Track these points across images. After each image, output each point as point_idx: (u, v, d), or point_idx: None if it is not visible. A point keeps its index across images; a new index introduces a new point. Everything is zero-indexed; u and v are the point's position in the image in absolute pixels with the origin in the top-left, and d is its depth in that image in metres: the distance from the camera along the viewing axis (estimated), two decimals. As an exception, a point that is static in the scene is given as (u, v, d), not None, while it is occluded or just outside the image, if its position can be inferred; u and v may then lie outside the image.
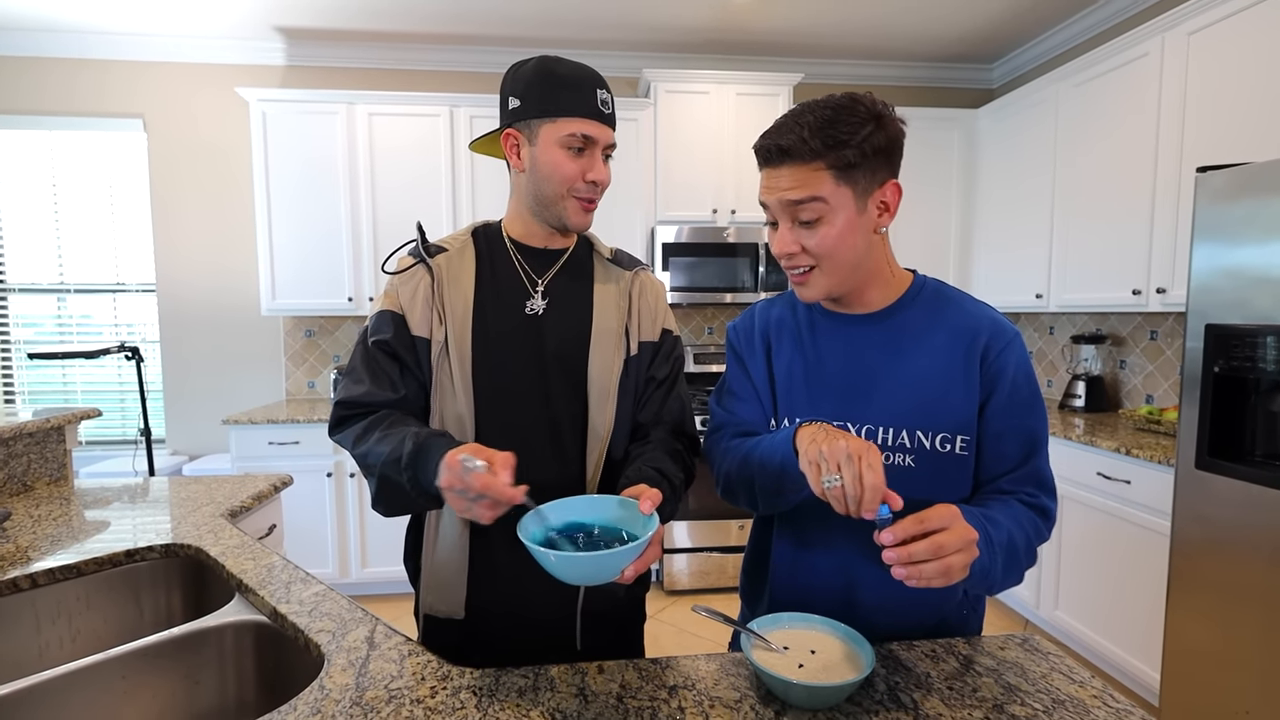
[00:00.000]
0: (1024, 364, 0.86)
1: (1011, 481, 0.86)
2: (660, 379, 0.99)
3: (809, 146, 0.80)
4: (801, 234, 0.83)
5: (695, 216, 3.18)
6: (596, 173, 0.91)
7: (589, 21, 3.02)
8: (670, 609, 2.87)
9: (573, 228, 0.95)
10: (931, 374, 0.86)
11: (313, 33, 3.14)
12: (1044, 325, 3.34)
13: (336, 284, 3.06)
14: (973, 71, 3.65)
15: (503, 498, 0.70)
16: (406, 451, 0.77)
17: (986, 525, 0.77)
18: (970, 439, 0.85)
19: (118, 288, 3.32)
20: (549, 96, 0.88)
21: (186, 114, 3.24)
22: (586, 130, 0.89)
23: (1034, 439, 0.86)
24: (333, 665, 0.79)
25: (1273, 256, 1.56)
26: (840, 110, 0.80)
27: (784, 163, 0.81)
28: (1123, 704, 0.74)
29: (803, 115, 0.81)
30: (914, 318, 0.89)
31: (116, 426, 3.39)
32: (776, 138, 0.82)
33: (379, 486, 0.83)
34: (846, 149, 0.79)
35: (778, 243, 0.86)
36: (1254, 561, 1.60)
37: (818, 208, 0.81)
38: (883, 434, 0.86)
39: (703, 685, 0.76)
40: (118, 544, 1.21)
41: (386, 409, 0.89)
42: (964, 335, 0.86)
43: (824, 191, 0.81)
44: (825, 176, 0.80)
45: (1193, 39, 2.15)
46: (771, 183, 0.84)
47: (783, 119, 0.83)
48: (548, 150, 0.90)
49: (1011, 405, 0.85)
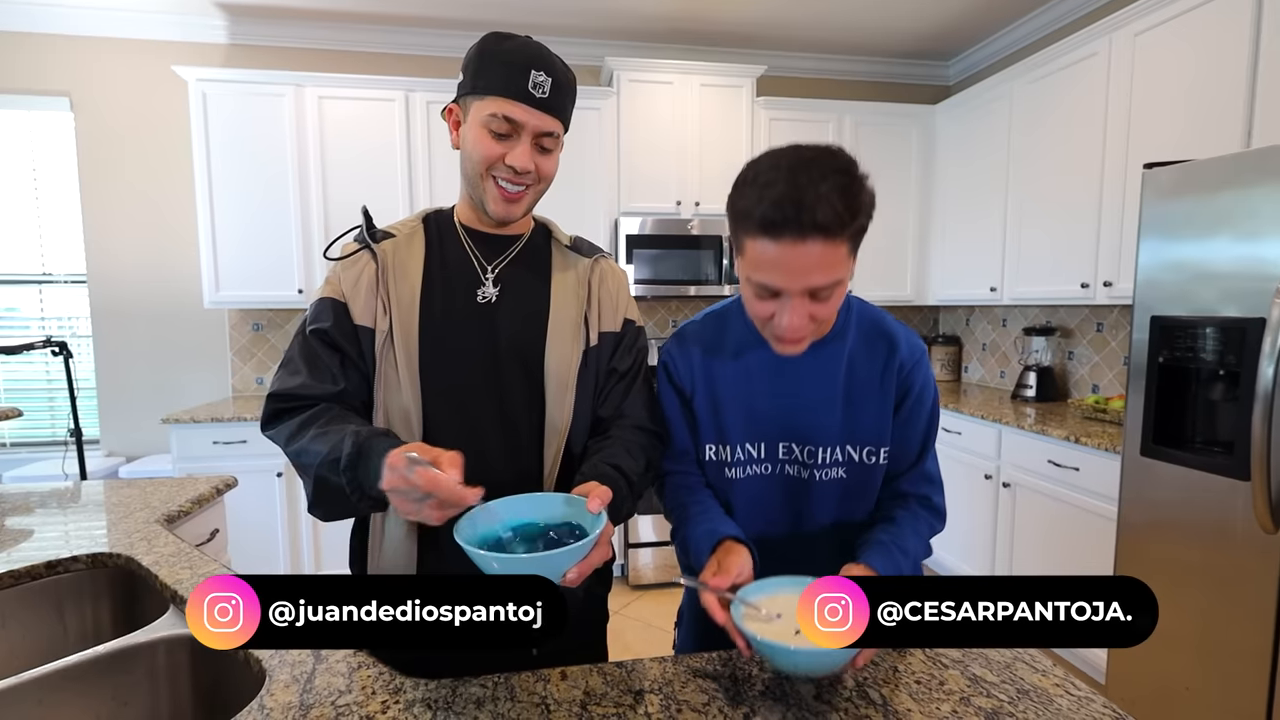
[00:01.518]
0: (930, 380, 0.94)
1: (908, 481, 0.94)
2: (622, 371, 0.96)
3: (841, 219, 0.71)
4: (813, 307, 0.77)
5: (659, 208, 3.15)
6: (516, 158, 0.83)
7: (549, 6, 2.95)
8: (636, 604, 2.85)
9: (493, 215, 0.88)
10: (861, 394, 0.91)
11: (257, 9, 2.98)
12: (997, 318, 3.44)
13: (285, 275, 2.93)
14: (930, 68, 3.71)
15: (452, 497, 0.65)
16: (346, 452, 0.71)
17: (900, 559, 0.84)
18: (887, 449, 0.92)
19: (44, 278, 3.11)
20: (481, 72, 0.83)
21: (118, 93, 3.04)
22: (509, 112, 0.82)
23: (926, 443, 0.95)
24: (274, 681, 0.74)
25: (1214, 251, 1.62)
26: (845, 171, 0.72)
27: (811, 238, 0.70)
28: (1084, 691, 0.74)
29: (816, 179, 0.70)
30: (845, 347, 0.92)
31: (45, 427, 3.18)
32: (806, 208, 0.69)
33: (316, 489, 0.77)
34: (862, 216, 0.73)
35: (790, 319, 0.76)
36: (1194, 544, 1.67)
37: (836, 286, 0.76)
38: (821, 453, 0.91)
39: (669, 689, 0.74)
40: (40, 554, 1.12)
41: (325, 403, 0.83)
42: (885, 356, 0.91)
43: (843, 271, 0.75)
44: (844, 252, 0.74)
45: (1139, 39, 2.22)
46: (790, 263, 0.72)
47: (786, 180, 0.71)
48: (472, 128, 0.84)
49: (913, 416, 0.92)
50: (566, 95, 0.88)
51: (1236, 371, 1.57)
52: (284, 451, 0.81)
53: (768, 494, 0.94)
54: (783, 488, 0.94)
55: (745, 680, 0.76)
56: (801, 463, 0.92)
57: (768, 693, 0.74)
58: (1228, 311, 1.58)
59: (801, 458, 0.91)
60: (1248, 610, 1.55)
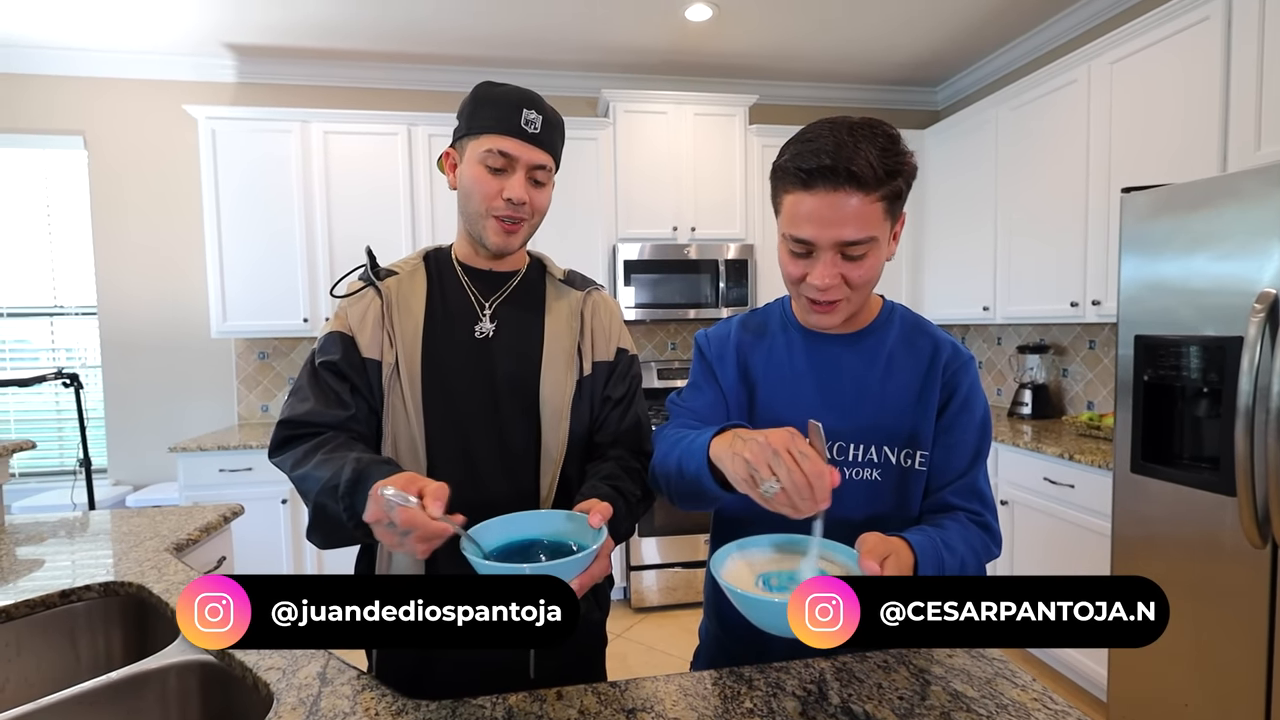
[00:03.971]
0: (976, 385, 0.90)
1: (955, 493, 0.88)
2: (617, 398, 1.00)
3: (876, 174, 0.73)
4: (845, 266, 0.79)
5: (656, 234, 3.22)
6: (512, 190, 0.88)
7: (547, 42, 3.05)
8: (638, 627, 2.85)
9: (492, 248, 0.93)
10: (899, 392, 0.89)
11: (265, 50, 3.09)
12: (992, 336, 3.48)
13: (291, 305, 2.99)
14: (919, 94, 3.81)
15: (429, 532, 0.66)
16: (345, 478, 0.73)
17: (943, 553, 0.78)
18: (928, 454, 0.88)
19: (56, 311, 3.18)
20: (476, 114, 0.90)
21: (130, 131, 3.14)
22: (504, 147, 0.88)
23: (977, 454, 0.90)
24: (282, 704, 0.77)
25: (1192, 271, 1.66)
26: (888, 135, 0.75)
27: (845, 188, 0.74)
28: (1061, 705, 0.77)
29: (857, 137, 0.74)
30: (886, 339, 0.92)
31: (54, 457, 3.22)
32: (843, 160, 0.73)
33: (314, 515, 0.79)
34: (899, 179, 0.76)
35: (820, 275, 0.78)
36: (1186, 559, 1.69)
37: (868, 245, 0.78)
38: (854, 450, 0.88)
39: (661, 707, 0.77)
40: (53, 584, 1.16)
41: (333, 430, 0.86)
42: (928, 355, 0.90)
43: (877, 230, 0.77)
44: (879, 210, 0.76)
45: (1115, 68, 2.29)
46: (824, 213, 0.75)
47: (828, 137, 0.75)
48: (469, 167, 0.90)
49: (959, 421, 0.89)
50: (556, 133, 0.94)
51: (1219, 388, 1.60)
52: (289, 477, 0.84)
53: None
54: None
55: (733, 698, 0.79)
56: (833, 459, 0.88)
57: (755, 710, 0.77)
58: (1207, 330, 1.62)
59: (833, 454, 0.88)
60: (1241, 625, 1.56)
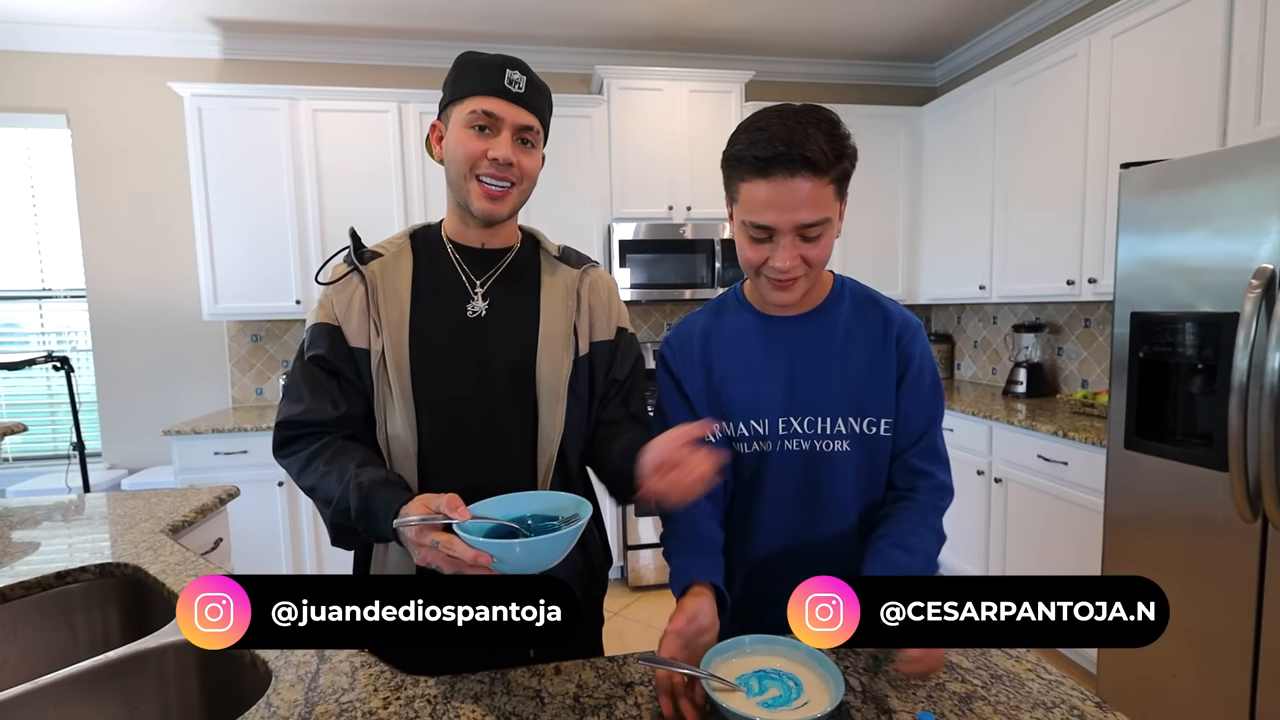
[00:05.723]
0: (927, 352, 0.95)
1: (917, 455, 0.93)
2: (621, 379, 0.98)
3: (827, 158, 0.77)
4: (803, 248, 0.83)
5: (651, 213, 3.19)
6: (498, 149, 0.86)
7: (539, 16, 2.98)
8: (635, 605, 2.88)
9: (478, 214, 0.89)
10: (860, 365, 0.92)
11: (250, 24, 3.02)
12: (988, 315, 3.48)
13: (283, 286, 2.96)
14: (916, 70, 3.76)
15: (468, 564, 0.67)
16: (354, 505, 0.76)
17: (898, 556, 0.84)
18: (891, 420, 0.92)
19: (44, 294, 3.14)
20: (459, 80, 0.88)
21: (114, 110, 3.07)
22: (488, 107, 0.86)
23: (932, 417, 0.95)
24: (280, 681, 0.77)
25: (1189, 247, 1.66)
26: (830, 120, 0.80)
27: (800, 174, 0.77)
28: (1054, 675, 0.78)
29: (805, 123, 0.78)
30: (840, 315, 0.94)
31: (47, 441, 3.20)
32: (797, 147, 0.76)
33: (335, 532, 0.83)
34: (845, 161, 0.81)
35: (781, 258, 0.82)
36: (1178, 534, 1.70)
37: (823, 226, 0.81)
38: (822, 424, 0.92)
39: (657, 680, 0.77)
40: (48, 565, 1.15)
41: (329, 435, 0.87)
42: (882, 327, 0.94)
43: (830, 211, 0.81)
44: (830, 192, 0.80)
45: (1116, 41, 2.26)
46: (781, 199, 0.78)
47: (779, 125, 0.78)
48: (454, 130, 0.88)
49: (917, 387, 0.93)
50: (543, 98, 0.91)
51: (1214, 365, 1.60)
52: (297, 484, 0.87)
53: (782, 473, 0.93)
54: (796, 465, 0.92)
55: (731, 671, 0.79)
56: (802, 435, 0.92)
57: (752, 682, 0.77)
58: (1204, 306, 1.61)
59: (803, 430, 0.91)
60: (1230, 598, 1.58)
